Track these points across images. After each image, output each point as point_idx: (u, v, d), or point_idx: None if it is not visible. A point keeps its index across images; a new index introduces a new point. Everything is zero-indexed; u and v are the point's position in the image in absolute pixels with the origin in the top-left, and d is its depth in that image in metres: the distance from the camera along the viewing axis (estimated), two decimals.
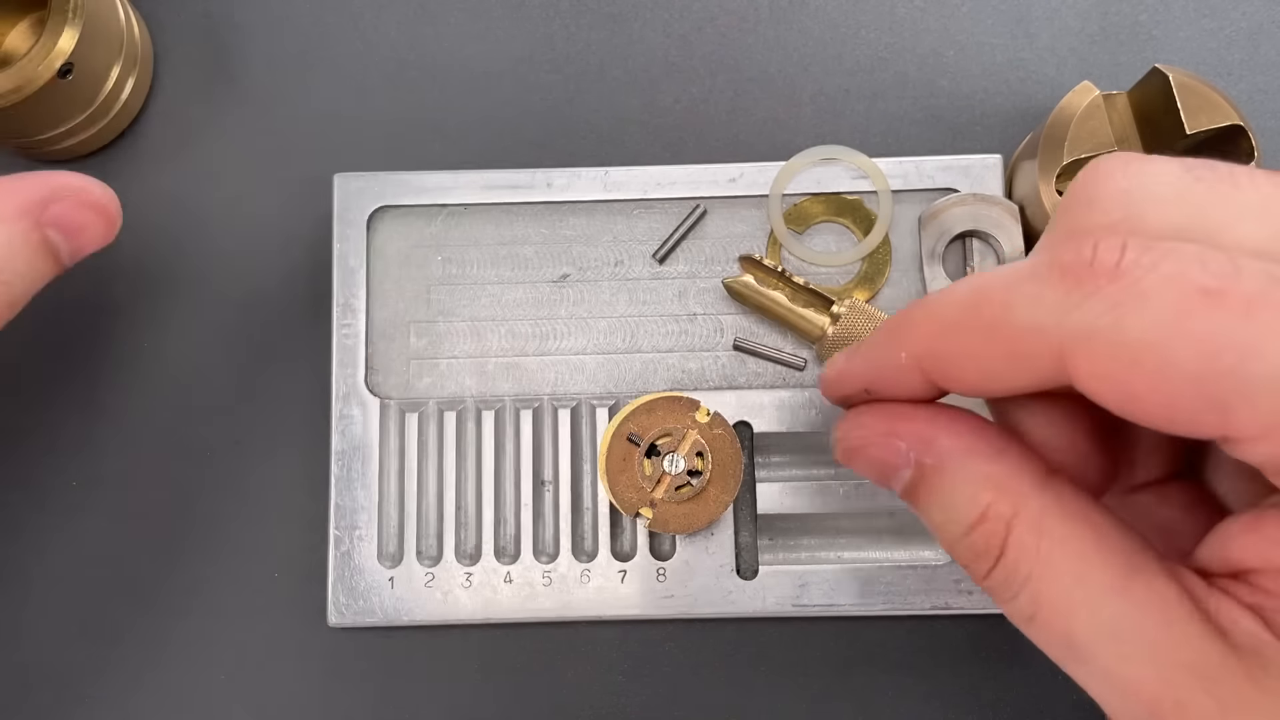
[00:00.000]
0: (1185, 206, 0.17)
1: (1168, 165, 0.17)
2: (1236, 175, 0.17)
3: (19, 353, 0.33)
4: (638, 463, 0.27)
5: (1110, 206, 0.17)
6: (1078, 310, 0.16)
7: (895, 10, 0.34)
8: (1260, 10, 0.34)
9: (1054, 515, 0.18)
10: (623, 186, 0.31)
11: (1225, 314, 0.15)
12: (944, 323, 0.19)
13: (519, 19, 0.34)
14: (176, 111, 0.34)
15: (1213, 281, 0.15)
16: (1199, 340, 0.15)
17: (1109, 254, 0.16)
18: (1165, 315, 0.15)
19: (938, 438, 0.20)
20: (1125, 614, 0.17)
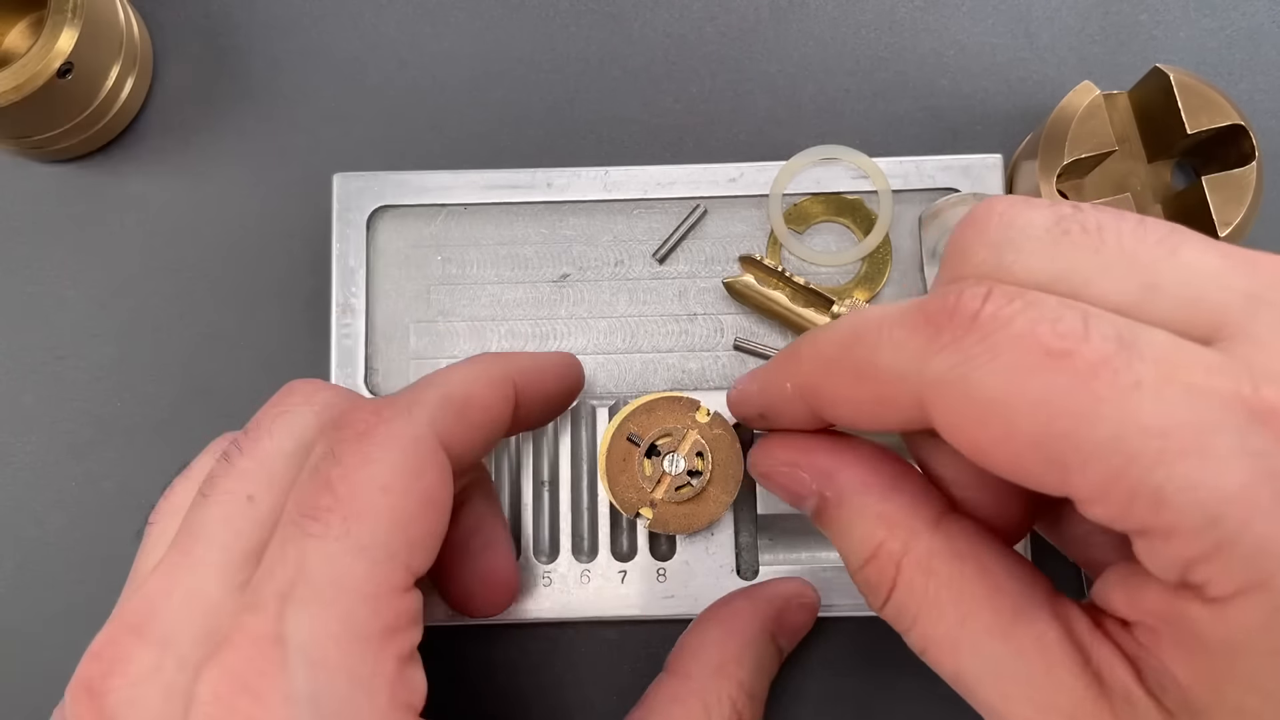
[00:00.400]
0: (1052, 261, 0.17)
1: (1039, 216, 0.17)
2: (1104, 229, 0.17)
3: (18, 353, 0.33)
4: (638, 463, 0.27)
5: (983, 257, 0.18)
6: (934, 359, 0.16)
7: (895, 10, 0.34)
8: (1260, 10, 0.34)
9: (942, 556, 0.19)
10: (623, 186, 0.31)
11: (1066, 377, 0.15)
12: (822, 359, 0.20)
13: (519, 19, 0.34)
14: (176, 111, 0.34)
15: (1059, 343, 0.15)
16: (1037, 404, 0.15)
17: (970, 303, 0.16)
18: (1010, 374, 0.15)
19: (836, 472, 0.21)
20: (1006, 656, 0.18)
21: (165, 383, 0.32)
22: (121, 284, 0.33)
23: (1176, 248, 0.16)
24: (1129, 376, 0.15)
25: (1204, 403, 0.15)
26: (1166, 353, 0.15)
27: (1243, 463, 0.14)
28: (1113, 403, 0.15)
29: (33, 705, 0.31)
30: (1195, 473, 0.14)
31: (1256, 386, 0.15)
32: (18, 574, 0.31)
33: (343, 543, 0.19)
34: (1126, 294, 0.16)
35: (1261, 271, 0.16)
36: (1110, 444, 0.15)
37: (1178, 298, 0.16)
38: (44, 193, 0.33)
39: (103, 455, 0.32)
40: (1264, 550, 0.14)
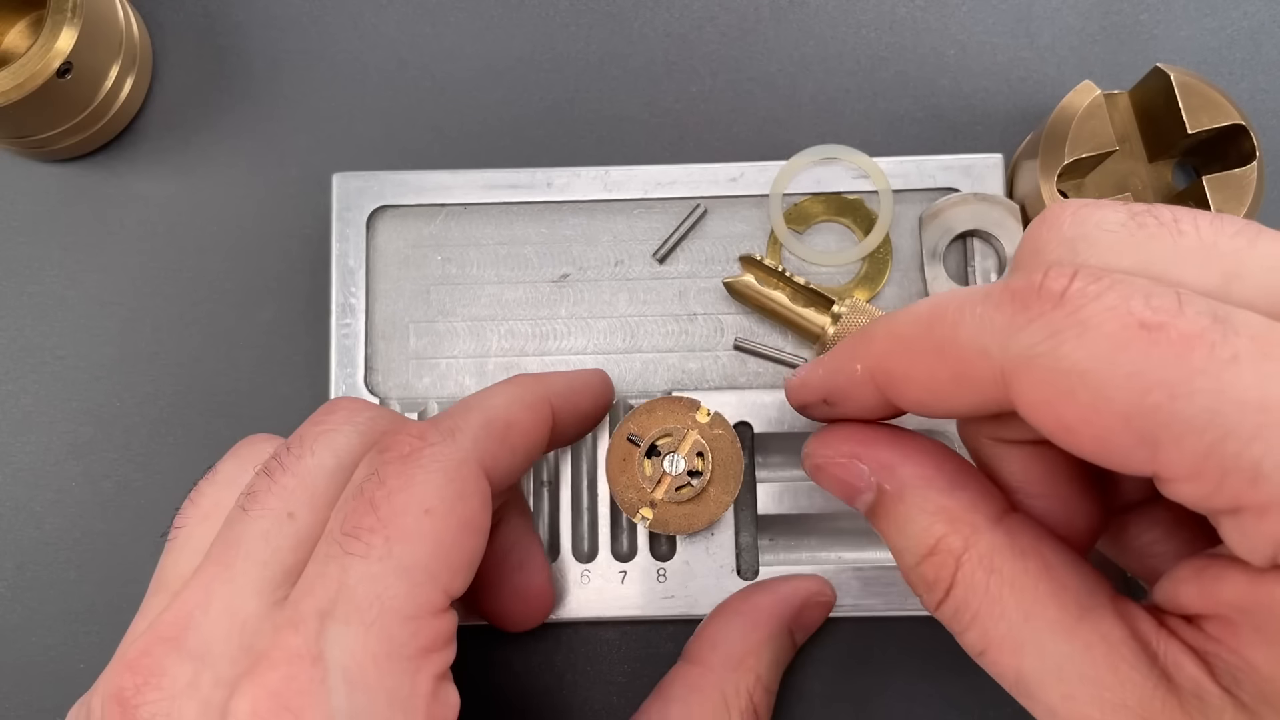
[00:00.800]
0: (1131, 251, 0.17)
1: (1113, 212, 0.17)
2: (1180, 221, 0.17)
3: (18, 353, 0.33)
4: (638, 463, 0.27)
5: (1058, 255, 0.17)
6: (1021, 334, 0.16)
7: (895, 10, 0.34)
8: (1261, 9, 0.34)
9: (1005, 552, 0.18)
10: (623, 186, 0.31)
11: (1160, 350, 0.15)
12: (899, 338, 0.19)
13: (519, 19, 0.34)
14: (176, 111, 0.34)
15: (1153, 316, 0.15)
16: (1130, 375, 0.15)
17: (1057, 280, 0.16)
18: (1101, 347, 0.15)
19: (898, 465, 0.20)
20: (1072, 654, 0.17)
21: (165, 383, 0.32)
22: (121, 284, 0.33)
23: (1255, 239, 0.16)
24: (1226, 350, 0.14)
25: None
26: (1262, 330, 0.15)
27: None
28: (1210, 375, 0.14)
29: (33, 705, 0.31)
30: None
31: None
32: (18, 574, 0.31)
33: (385, 563, 0.20)
34: (1209, 281, 0.16)
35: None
36: (1206, 417, 0.14)
37: (1261, 286, 0.16)
38: (44, 193, 0.33)
39: (103, 455, 0.32)
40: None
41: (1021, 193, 0.31)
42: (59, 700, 0.31)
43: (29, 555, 0.31)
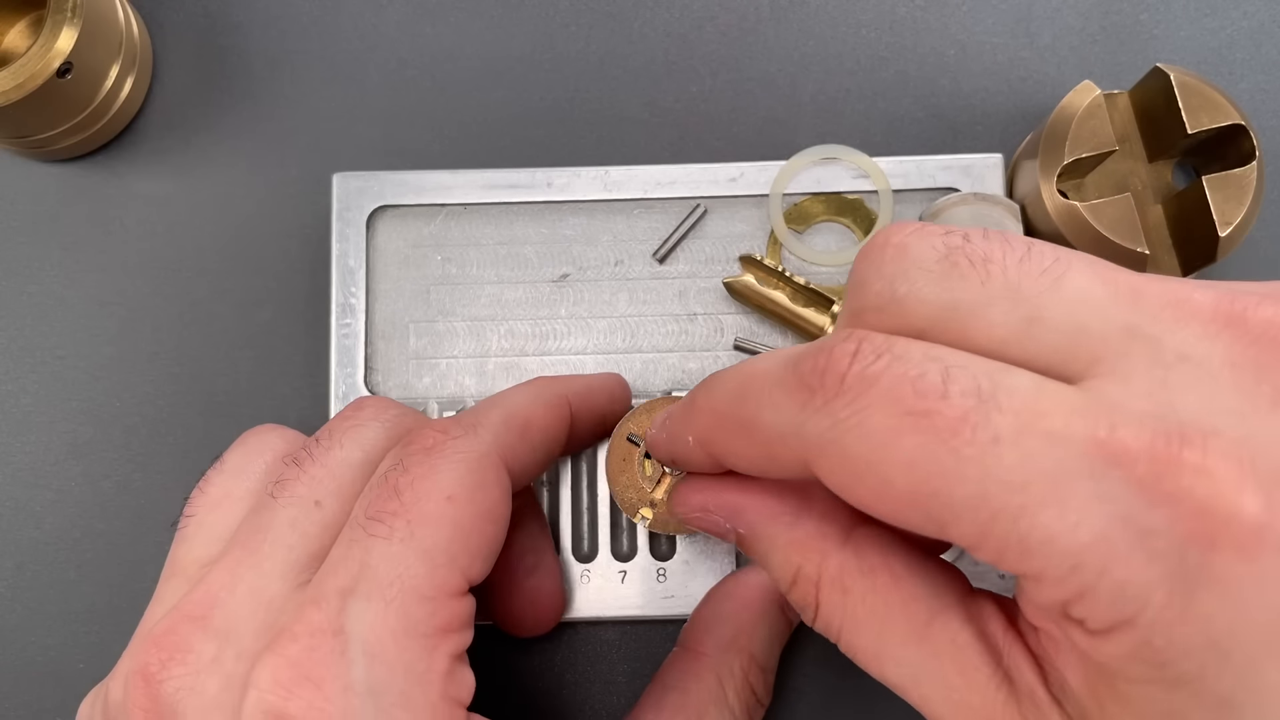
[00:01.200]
0: (941, 294, 0.17)
1: (930, 247, 0.18)
2: (990, 261, 0.17)
3: (18, 353, 0.33)
4: (638, 463, 0.27)
5: (878, 289, 0.18)
6: (809, 423, 0.17)
7: (895, 10, 0.34)
8: (1262, 9, 0.34)
9: (853, 572, 0.20)
10: (623, 186, 0.31)
11: (928, 439, 0.15)
12: (715, 414, 0.20)
13: (518, 18, 0.34)
14: (176, 111, 0.34)
15: (919, 403, 0.16)
16: (906, 465, 0.16)
17: (839, 363, 0.17)
18: (878, 437, 0.16)
19: (744, 509, 0.22)
20: (923, 661, 0.18)
21: (165, 383, 0.32)
22: (121, 284, 0.33)
23: (1061, 277, 0.17)
24: (987, 432, 0.15)
25: (1061, 450, 0.15)
26: (1027, 400, 0.15)
27: (1097, 509, 0.15)
28: (973, 460, 0.15)
29: (33, 705, 0.31)
30: (1054, 524, 0.15)
31: (1113, 428, 0.15)
32: (17, 574, 0.31)
33: (407, 544, 0.20)
34: (1010, 326, 0.17)
35: (1145, 301, 0.16)
36: (975, 500, 0.15)
37: (1059, 330, 0.16)
38: (44, 193, 0.33)
39: (103, 455, 0.32)
40: (1124, 593, 0.15)
41: (1021, 192, 0.31)
42: (59, 700, 0.31)
43: (29, 555, 0.31)
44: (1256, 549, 0.14)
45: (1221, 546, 0.14)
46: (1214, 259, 0.29)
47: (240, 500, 0.23)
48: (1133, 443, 0.15)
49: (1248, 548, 0.14)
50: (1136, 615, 0.15)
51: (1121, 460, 0.15)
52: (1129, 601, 0.15)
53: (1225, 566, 0.14)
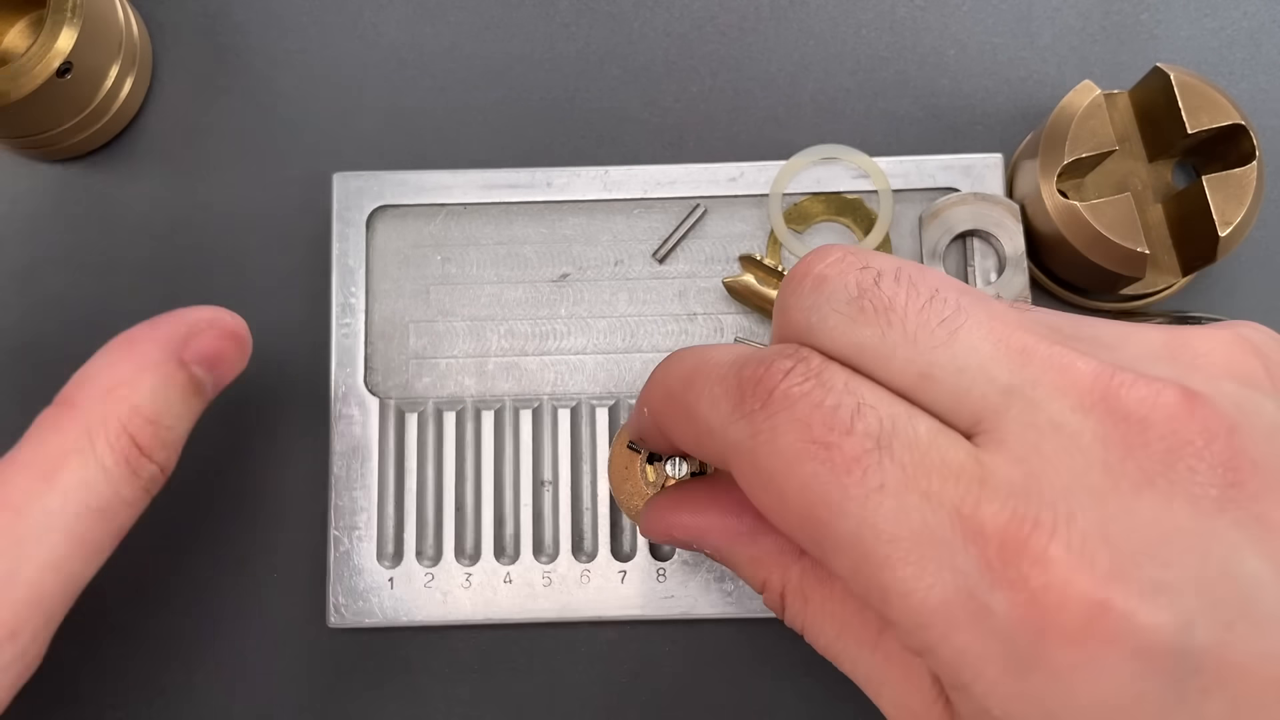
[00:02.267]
0: (849, 336, 0.18)
1: (844, 287, 0.18)
2: (893, 310, 0.18)
3: (19, 354, 0.33)
4: (640, 470, 0.27)
5: (796, 320, 0.19)
6: (734, 426, 0.18)
7: (895, 10, 0.34)
8: (1262, 9, 0.34)
9: (812, 581, 0.21)
10: (622, 186, 0.31)
11: (825, 470, 0.16)
12: (665, 393, 0.21)
13: (518, 18, 0.34)
14: (176, 111, 0.34)
15: (825, 435, 0.17)
16: (802, 489, 0.17)
17: (774, 377, 0.18)
18: (785, 456, 0.17)
19: (704, 531, 0.23)
20: (875, 664, 0.20)
21: None
22: (121, 284, 0.33)
23: (956, 331, 0.17)
24: (875, 479, 0.16)
25: (932, 513, 0.16)
26: (916, 454, 0.16)
27: (949, 578, 0.16)
28: (857, 501, 0.16)
29: (32, 704, 0.31)
30: (910, 581, 0.16)
31: (977, 504, 0.16)
32: None
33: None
34: (906, 379, 0.17)
35: (1029, 364, 0.17)
36: (851, 539, 0.16)
37: (948, 388, 0.17)
38: (44, 192, 0.33)
39: None
40: (960, 660, 0.16)
41: (1021, 192, 0.31)
42: (59, 700, 0.31)
43: None
44: (1084, 638, 0.15)
45: (1050, 634, 0.15)
46: (1214, 259, 0.29)
47: None
48: (989, 522, 0.16)
49: (1075, 637, 0.15)
50: (971, 683, 0.16)
51: (977, 537, 0.16)
52: (965, 669, 0.16)
53: (1054, 653, 0.15)
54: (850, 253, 0.19)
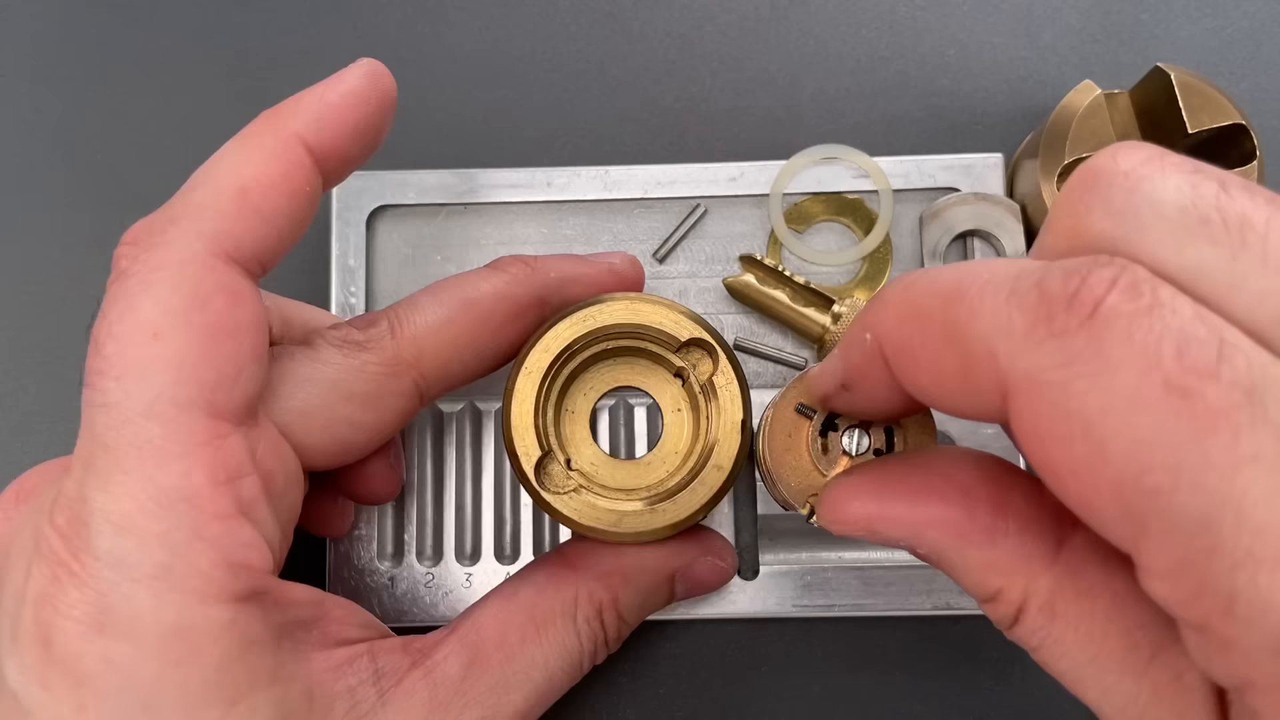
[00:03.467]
0: (1181, 254, 0.14)
1: (1174, 189, 0.14)
2: (1248, 228, 0.14)
3: (18, 353, 0.33)
4: (809, 441, 0.21)
5: (1101, 228, 0.15)
6: (1036, 349, 0.14)
7: (896, 10, 0.34)
8: (1262, 9, 0.34)
9: (1067, 595, 0.17)
10: (623, 186, 0.31)
11: (1179, 424, 0.12)
12: (914, 308, 0.16)
13: (519, 19, 0.34)
14: (176, 111, 0.34)
15: (1182, 377, 0.13)
16: (1138, 444, 0.13)
17: (1095, 288, 0.13)
18: (1116, 399, 0.13)
19: (923, 529, 0.18)
20: (1138, 696, 0.16)
21: None
22: None
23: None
24: (1249, 444, 0.12)
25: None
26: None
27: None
28: (1221, 473, 0.12)
29: None
30: (1277, 591, 0.12)
31: None
32: None
33: (123, 406, 0.18)
34: (1261, 320, 0.13)
35: None
36: (1200, 521, 0.12)
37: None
38: (44, 192, 0.33)
39: None
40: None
41: (1022, 192, 0.31)
42: None
43: None
44: None
45: None
46: None
47: None
48: None
49: None
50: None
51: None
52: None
53: None
54: (1169, 152, 0.15)
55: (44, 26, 0.34)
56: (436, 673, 0.22)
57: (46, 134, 0.34)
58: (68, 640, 0.18)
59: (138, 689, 0.18)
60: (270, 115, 0.21)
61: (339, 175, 0.22)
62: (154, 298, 0.19)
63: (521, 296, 0.24)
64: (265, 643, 0.20)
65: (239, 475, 0.19)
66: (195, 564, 0.18)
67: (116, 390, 0.18)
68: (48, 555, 0.19)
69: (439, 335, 0.23)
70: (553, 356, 0.23)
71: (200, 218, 0.20)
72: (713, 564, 0.26)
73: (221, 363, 0.19)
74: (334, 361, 0.22)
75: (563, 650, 0.24)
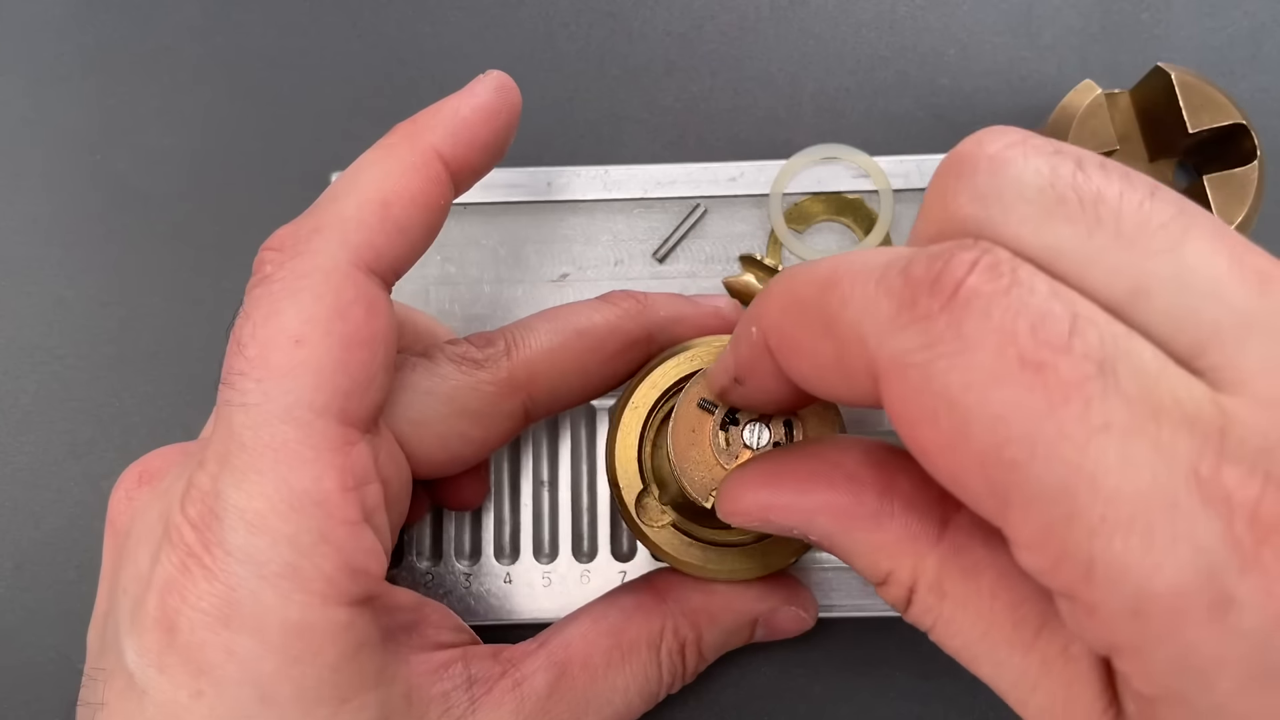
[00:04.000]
0: (1041, 233, 0.14)
1: (1034, 170, 0.15)
2: (1102, 204, 0.14)
3: (18, 353, 0.33)
4: (711, 434, 0.22)
5: (968, 212, 0.15)
6: (900, 333, 0.14)
7: (896, 9, 0.34)
8: (1262, 9, 0.34)
9: (953, 574, 0.17)
10: (622, 185, 0.31)
11: (1033, 397, 0.13)
12: (794, 299, 0.16)
13: (518, 18, 0.34)
14: (176, 111, 0.34)
15: (1035, 352, 0.13)
16: (995, 419, 0.13)
17: (955, 270, 0.14)
18: (974, 376, 0.13)
19: (812, 514, 0.18)
20: (1027, 669, 0.16)
21: (165, 383, 0.32)
22: (122, 284, 0.33)
23: (1181, 240, 0.14)
24: (1099, 414, 0.13)
25: (1165, 470, 0.12)
26: (1145, 388, 0.13)
27: (1185, 556, 0.12)
28: (1073, 443, 0.13)
29: (33, 705, 0.31)
30: (1133, 555, 0.12)
31: (1219, 463, 0.12)
32: (17, 574, 0.31)
33: (262, 408, 0.19)
34: (1115, 292, 0.14)
35: (1272, 289, 0.13)
36: (1056, 492, 0.13)
37: (1167, 308, 0.14)
38: (44, 192, 0.33)
39: (103, 455, 0.32)
40: (1186, 664, 0.13)
41: None
42: (59, 700, 0.31)
43: (28, 555, 0.31)
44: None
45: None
46: None
47: None
48: (1237, 490, 0.12)
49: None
50: (1196, 694, 0.13)
51: (1222, 507, 0.12)
52: (1191, 675, 0.13)
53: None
54: (1032, 135, 0.15)
55: (44, 26, 0.34)
56: (525, 686, 0.23)
57: (46, 134, 0.34)
58: (193, 629, 0.19)
59: (256, 682, 0.19)
60: (408, 128, 0.22)
61: (467, 186, 0.23)
62: (298, 305, 0.19)
63: (631, 331, 0.25)
64: (374, 645, 0.20)
65: (364, 482, 0.20)
66: (320, 566, 0.19)
67: (256, 392, 0.19)
68: (178, 544, 0.19)
69: (551, 360, 0.24)
70: (659, 393, 0.24)
71: (344, 229, 0.20)
72: (796, 614, 0.27)
73: (356, 371, 0.20)
74: (452, 377, 0.23)
75: (644, 679, 0.24)
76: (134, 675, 0.19)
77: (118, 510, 0.22)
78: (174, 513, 0.20)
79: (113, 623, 0.21)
